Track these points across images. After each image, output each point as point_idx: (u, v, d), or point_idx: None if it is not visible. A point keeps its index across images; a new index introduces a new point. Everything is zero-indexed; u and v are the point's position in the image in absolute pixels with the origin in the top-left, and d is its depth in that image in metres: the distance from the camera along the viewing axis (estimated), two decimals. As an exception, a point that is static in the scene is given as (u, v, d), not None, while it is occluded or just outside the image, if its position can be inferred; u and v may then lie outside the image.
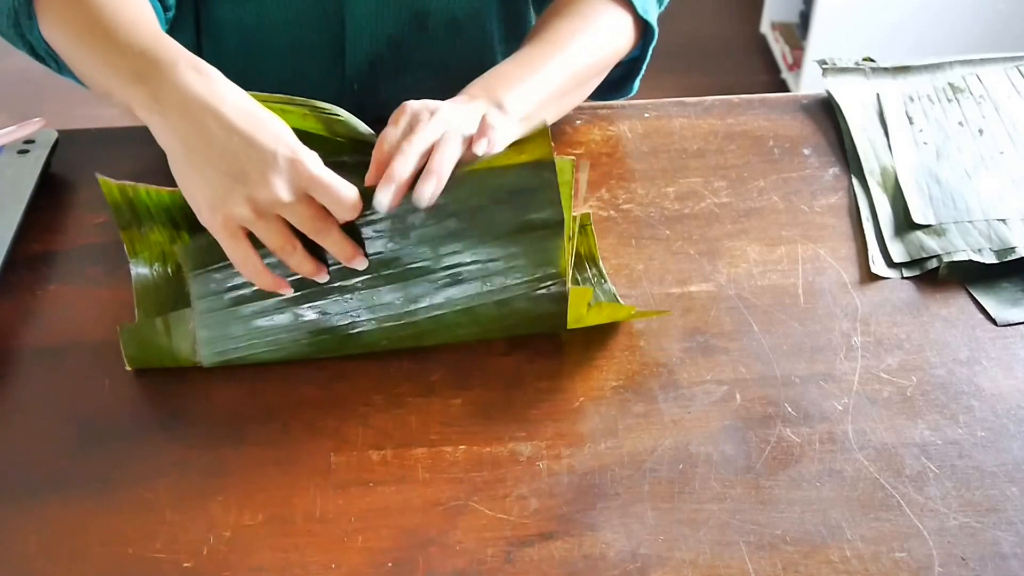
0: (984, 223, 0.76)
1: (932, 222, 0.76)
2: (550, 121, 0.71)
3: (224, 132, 0.59)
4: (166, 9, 0.78)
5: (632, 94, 0.88)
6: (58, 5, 0.68)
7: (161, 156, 0.82)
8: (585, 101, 0.83)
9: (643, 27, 0.81)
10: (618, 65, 0.82)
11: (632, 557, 0.56)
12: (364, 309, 0.65)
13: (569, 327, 0.67)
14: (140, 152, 0.82)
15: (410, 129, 0.64)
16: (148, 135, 0.87)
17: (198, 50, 0.81)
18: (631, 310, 0.68)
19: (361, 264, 0.63)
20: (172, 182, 0.65)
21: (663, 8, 0.83)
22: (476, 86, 0.71)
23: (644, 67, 0.85)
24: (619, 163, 0.82)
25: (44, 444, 0.62)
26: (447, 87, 0.72)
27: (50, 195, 0.79)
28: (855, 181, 0.80)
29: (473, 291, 0.64)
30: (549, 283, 0.64)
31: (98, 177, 0.68)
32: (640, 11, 0.79)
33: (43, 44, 0.71)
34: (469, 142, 0.63)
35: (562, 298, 0.64)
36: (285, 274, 0.64)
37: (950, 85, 0.89)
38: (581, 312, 0.66)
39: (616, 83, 0.85)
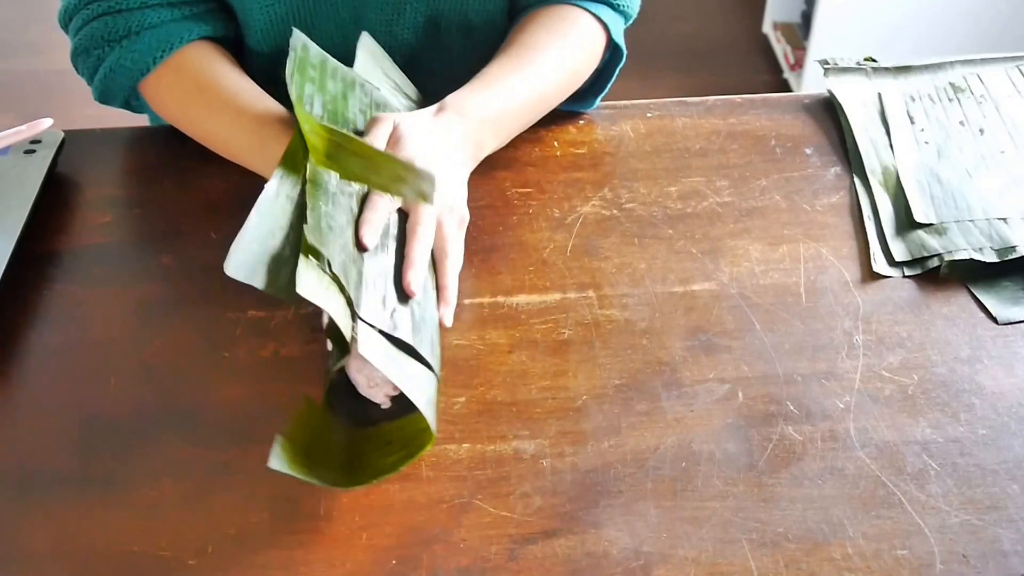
0: (985, 222, 0.76)
1: (933, 221, 0.76)
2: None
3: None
4: (233, 45, 0.82)
5: (592, 108, 0.87)
6: (169, 95, 0.76)
7: (165, 156, 0.83)
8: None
9: (612, 47, 0.84)
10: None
11: (635, 555, 0.56)
12: None
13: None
14: (145, 152, 0.83)
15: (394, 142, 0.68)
16: (153, 135, 0.87)
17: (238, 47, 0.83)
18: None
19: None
20: (182, 180, 0.65)
21: (629, 23, 0.85)
22: (452, 101, 0.74)
23: (609, 85, 0.87)
24: (622, 162, 0.83)
25: (50, 442, 0.62)
26: (454, 89, 0.76)
27: (56, 195, 0.79)
28: (857, 180, 0.81)
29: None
30: None
31: None
32: (613, 35, 0.82)
33: (152, 114, 0.81)
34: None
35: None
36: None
37: (951, 85, 0.89)
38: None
39: (579, 94, 0.85)
